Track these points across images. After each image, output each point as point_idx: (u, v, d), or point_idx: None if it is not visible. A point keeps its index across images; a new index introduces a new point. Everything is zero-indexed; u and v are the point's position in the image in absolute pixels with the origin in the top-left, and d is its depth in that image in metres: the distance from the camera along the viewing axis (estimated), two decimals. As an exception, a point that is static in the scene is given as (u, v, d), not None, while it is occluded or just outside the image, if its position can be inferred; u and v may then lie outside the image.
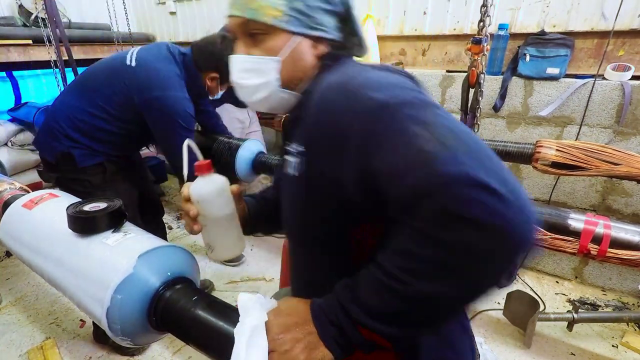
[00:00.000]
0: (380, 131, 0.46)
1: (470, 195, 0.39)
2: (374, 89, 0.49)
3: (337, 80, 0.55)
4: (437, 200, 0.40)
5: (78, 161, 1.41)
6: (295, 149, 0.61)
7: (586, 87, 1.84)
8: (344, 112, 0.50)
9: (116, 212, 0.80)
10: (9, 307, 1.93)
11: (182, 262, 0.76)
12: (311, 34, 0.63)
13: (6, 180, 1.14)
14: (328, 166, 0.54)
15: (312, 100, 0.57)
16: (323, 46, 0.66)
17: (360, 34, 0.70)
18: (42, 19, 2.22)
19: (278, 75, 0.64)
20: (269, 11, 0.60)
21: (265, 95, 0.66)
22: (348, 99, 0.51)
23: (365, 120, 0.48)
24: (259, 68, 0.64)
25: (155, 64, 1.42)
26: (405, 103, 0.47)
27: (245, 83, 0.67)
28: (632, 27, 1.76)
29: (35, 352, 1.62)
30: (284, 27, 0.61)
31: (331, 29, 0.66)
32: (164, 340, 1.68)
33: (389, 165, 0.45)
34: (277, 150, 3.10)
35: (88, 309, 0.71)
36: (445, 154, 0.41)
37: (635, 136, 1.81)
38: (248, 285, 2.10)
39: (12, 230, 0.93)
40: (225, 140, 1.72)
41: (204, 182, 0.67)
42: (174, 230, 2.69)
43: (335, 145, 0.51)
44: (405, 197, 0.43)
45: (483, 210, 0.38)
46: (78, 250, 0.77)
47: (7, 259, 2.33)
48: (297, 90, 0.67)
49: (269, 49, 0.63)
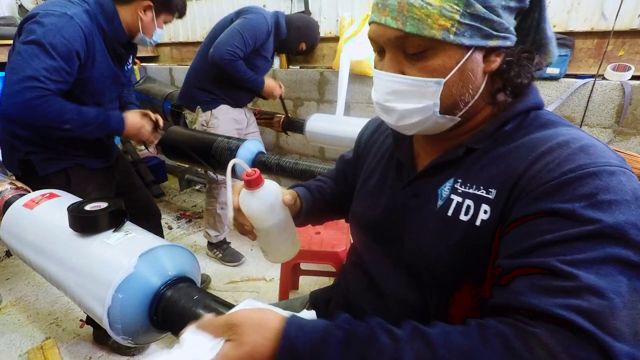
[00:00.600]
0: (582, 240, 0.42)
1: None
2: (619, 204, 0.43)
3: (586, 163, 0.46)
4: (565, 346, 0.38)
5: (38, 168, 1.28)
6: (474, 192, 0.53)
7: (586, 87, 1.84)
8: (568, 193, 0.45)
9: (117, 211, 0.80)
10: (9, 307, 1.93)
11: (183, 262, 0.76)
12: (488, 44, 0.50)
13: (7, 180, 1.14)
14: (513, 215, 0.49)
15: (541, 158, 0.49)
16: (498, 57, 0.53)
17: (545, 30, 0.55)
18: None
19: (438, 100, 0.53)
20: (439, 21, 0.48)
21: (417, 120, 0.55)
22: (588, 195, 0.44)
23: (573, 220, 0.43)
24: (416, 91, 0.53)
25: (44, 2, 1.20)
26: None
27: (393, 106, 0.56)
28: (632, 27, 1.76)
29: (35, 352, 1.62)
30: (456, 41, 0.49)
31: (511, 30, 0.52)
32: (164, 340, 1.68)
33: (550, 256, 0.43)
34: (277, 150, 3.10)
35: (89, 308, 0.71)
36: (627, 336, 0.38)
37: (635, 136, 1.81)
38: (248, 286, 2.10)
39: (13, 230, 0.93)
40: (225, 140, 1.72)
41: (253, 198, 0.63)
42: (174, 230, 2.69)
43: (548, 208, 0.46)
44: (552, 316, 0.40)
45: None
46: (79, 249, 0.77)
47: (7, 259, 2.32)
48: (458, 114, 0.56)
49: (432, 69, 0.51)
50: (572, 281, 0.41)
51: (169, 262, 0.73)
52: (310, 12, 2.63)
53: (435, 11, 0.47)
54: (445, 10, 0.47)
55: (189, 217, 2.83)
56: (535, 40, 0.55)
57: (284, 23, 2.01)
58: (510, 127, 0.56)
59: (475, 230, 0.53)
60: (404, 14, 0.49)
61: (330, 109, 2.39)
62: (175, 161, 2.53)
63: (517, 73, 0.54)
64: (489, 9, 0.48)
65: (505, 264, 0.47)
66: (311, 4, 2.63)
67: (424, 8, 0.47)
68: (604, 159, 0.46)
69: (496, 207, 0.51)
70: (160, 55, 3.91)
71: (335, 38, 2.57)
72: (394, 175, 0.69)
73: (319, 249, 1.61)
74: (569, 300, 0.40)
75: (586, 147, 0.48)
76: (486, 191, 0.52)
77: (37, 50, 1.08)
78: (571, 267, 0.41)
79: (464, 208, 0.54)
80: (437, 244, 0.57)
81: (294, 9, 2.67)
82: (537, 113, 0.57)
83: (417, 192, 0.63)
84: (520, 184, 0.49)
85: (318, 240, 1.66)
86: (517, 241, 0.47)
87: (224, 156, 1.67)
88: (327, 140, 2.21)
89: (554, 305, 0.40)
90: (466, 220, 0.54)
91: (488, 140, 0.56)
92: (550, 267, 0.42)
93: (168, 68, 3.60)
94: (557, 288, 0.41)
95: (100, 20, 1.22)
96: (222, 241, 2.27)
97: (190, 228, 2.70)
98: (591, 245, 0.42)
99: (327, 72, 2.61)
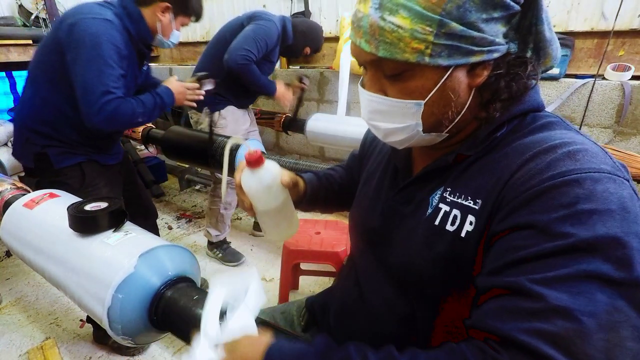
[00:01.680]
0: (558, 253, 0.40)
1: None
2: (609, 215, 0.40)
3: (574, 168, 0.43)
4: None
5: (54, 161, 1.32)
6: (461, 202, 0.52)
7: (586, 87, 1.84)
8: (555, 209, 0.42)
9: (117, 211, 0.80)
10: (9, 307, 1.93)
11: (182, 262, 0.76)
12: (470, 61, 0.47)
13: (7, 180, 1.14)
14: (498, 227, 0.47)
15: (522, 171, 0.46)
16: (485, 71, 0.50)
17: (542, 32, 0.50)
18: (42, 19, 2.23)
19: (420, 120, 0.52)
20: (412, 44, 0.45)
21: (403, 138, 0.55)
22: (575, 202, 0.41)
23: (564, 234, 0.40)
24: (396, 112, 0.52)
25: (76, 6, 1.26)
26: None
27: (378, 125, 0.56)
28: (632, 27, 1.76)
29: (35, 352, 1.62)
30: (432, 63, 0.46)
31: (497, 42, 0.48)
32: (164, 340, 1.68)
33: (545, 281, 0.39)
34: (277, 150, 3.10)
35: (89, 308, 0.71)
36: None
37: (635, 136, 1.81)
38: (248, 285, 2.10)
39: (13, 230, 0.93)
40: (224, 140, 1.72)
41: (252, 177, 0.64)
42: (174, 230, 2.69)
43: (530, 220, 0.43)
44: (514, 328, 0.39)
45: None
46: (79, 249, 0.77)
47: (7, 259, 2.32)
48: (445, 130, 0.54)
49: (410, 91, 0.50)
50: (539, 302, 0.38)
51: (169, 262, 0.73)
52: (310, 12, 2.63)
53: (406, 34, 0.45)
54: (418, 33, 0.45)
55: (189, 217, 2.83)
56: (533, 43, 0.52)
57: (291, 28, 2.03)
58: (502, 132, 0.53)
59: (460, 242, 0.51)
60: (376, 38, 0.47)
61: (331, 108, 2.39)
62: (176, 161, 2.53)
63: (507, 84, 0.51)
64: (467, 25, 0.45)
65: (481, 283, 0.46)
66: (311, 4, 2.63)
67: (395, 32, 0.45)
68: (592, 165, 0.43)
69: (480, 218, 0.49)
70: (160, 56, 3.91)
71: (335, 38, 2.57)
72: (390, 180, 0.68)
73: (319, 249, 1.61)
74: (534, 324, 0.38)
75: (574, 152, 0.45)
76: (473, 201, 0.51)
77: (98, 62, 1.17)
78: (540, 287, 0.39)
79: (451, 218, 0.52)
80: (423, 252, 0.55)
81: (294, 9, 2.67)
82: (535, 115, 0.54)
83: (410, 199, 0.61)
84: (503, 192, 0.47)
85: (318, 240, 1.66)
86: (493, 258, 0.45)
87: (224, 156, 1.67)
88: (328, 140, 2.21)
89: (518, 330, 0.38)
90: (452, 231, 0.52)
91: (480, 147, 0.54)
92: (519, 287, 0.40)
93: (168, 68, 3.60)
94: (523, 310, 0.39)
95: (126, 22, 1.27)
96: (223, 241, 2.27)
97: (190, 228, 2.70)
98: (564, 261, 0.39)
99: (327, 72, 2.61)
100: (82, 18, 1.17)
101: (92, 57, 1.16)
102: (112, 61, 1.19)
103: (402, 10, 0.45)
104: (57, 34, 1.22)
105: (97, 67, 1.17)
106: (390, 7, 0.45)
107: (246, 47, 1.82)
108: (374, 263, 0.67)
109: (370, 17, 0.47)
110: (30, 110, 1.31)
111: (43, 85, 1.29)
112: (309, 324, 0.84)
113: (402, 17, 0.45)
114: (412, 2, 0.45)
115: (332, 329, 0.74)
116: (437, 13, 0.44)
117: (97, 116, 1.20)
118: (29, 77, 1.34)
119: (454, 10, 0.44)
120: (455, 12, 0.44)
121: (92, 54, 1.16)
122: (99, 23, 1.17)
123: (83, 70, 1.17)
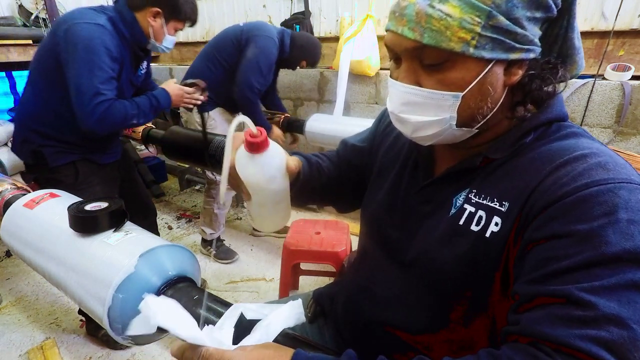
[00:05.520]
0: (596, 264, 0.41)
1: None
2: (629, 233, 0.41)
3: (602, 179, 0.44)
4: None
5: (49, 160, 1.36)
6: (487, 203, 0.52)
7: (586, 87, 1.84)
8: (586, 218, 0.43)
9: (117, 211, 0.80)
10: (9, 307, 1.93)
11: (183, 262, 0.76)
12: (509, 58, 0.48)
13: (7, 179, 1.14)
14: (529, 239, 0.47)
15: (551, 174, 0.47)
16: (520, 70, 0.51)
17: (572, 40, 0.52)
18: (42, 19, 2.23)
19: (455, 113, 0.51)
20: (459, 34, 0.45)
21: (433, 133, 0.54)
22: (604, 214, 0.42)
23: (590, 244, 0.41)
24: (432, 104, 0.51)
25: (71, 11, 1.31)
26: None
27: (408, 118, 0.54)
28: (632, 27, 1.77)
29: (35, 352, 1.62)
30: (476, 55, 0.47)
31: (535, 42, 0.49)
32: (164, 340, 1.68)
33: (585, 291, 0.40)
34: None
35: (89, 308, 0.71)
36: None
37: (635, 136, 1.81)
38: (248, 285, 2.10)
39: (13, 230, 0.93)
40: (224, 140, 1.71)
41: (252, 163, 0.55)
42: (174, 230, 2.69)
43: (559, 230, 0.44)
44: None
45: None
46: (79, 249, 0.77)
47: (7, 259, 2.32)
48: (476, 126, 0.54)
49: (449, 82, 0.49)
50: (591, 310, 0.39)
51: (169, 262, 0.73)
52: (310, 12, 2.63)
53: (455, 23, 0.45)
54: (466, 23, 0.45)
55: (189, 217, 2.83)
56: (561, 50, 0.53)
57: (288, 41, 2.02)
58: (530, 138, 0.54)
59: (484, 242, 0.52)
60: (422, 25, 0.47)
61: (331, 109, 2.40)
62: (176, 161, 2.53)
63: (538, 86, 0.51)
64: (513, 21, 0.46)
65: (523, 291, 0.45)
66: (311, 4, 2.63)
67: (444, 19, 0.45)
68: (623, 175, 0.44)
69: (507, 220, 0.50)
70: (160, 56, 3.91)
71: (335, 38, 2.57)
72: (408, 178, 0.67)
73: (319, 249, 1.61)
74: (589, 331, 0.38)
75: (605, 162, 0.46)
76: (499, 203, 0.51)
77: (90, 65, 1.21)
78: (590, 295, 0.40)
79: (476, 218, 0.53)
80: (445, 250, 0.56)
81: (294, 9, 2.67)
82: (560, 125, 0.55)
83: (429, 199, 0.62)
84: (532, 197, 0.48)
85: (318, 240, 1.66)
86: (535, 266, 0.45)
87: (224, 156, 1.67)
88: (327, 140, 2.21)
89: (572, 337, 0.39)
90: (476, 231, 0.53)
91: (507, 151, 0.54)
92: (568, 295, 0.41)
93: (168, 68, 3.60)
94: (576, 318, 0.40)
95: (120, 27, 1.31)
96: (217, 239, 2.29)
97: (190, 228, 2.70)
98: (610, 271, 0.40)
99: (327, 72, 2.61)
100: (76, 23, 1.21)
101: (84, 60, 1.20)
102: (103, 64, 1.22)
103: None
104: (54, 38, 1.26)
105: (88, 70, 1.21)
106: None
107: (252, 79, 1.85)
108: (386, 259, 0.67)
109: (418, 5, 0.47)
110: (31, 111, 1.35)
111: (42, 87, 1.32)
112: (317, 314, 0.85)
113: (452, 5, 0.45)
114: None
115: (339, 319, 0.74)
116: (487, 4, 0.45)
117: (90, 118, 1.23)
118: (30, 78, 1.37)
119: (503, 4, 0.45)
120: (504, 5, 0.45)
121: (84, 57, 1.20)
122: (91, 27, 1.21)
123: (76, 73, 1.21)
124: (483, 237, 0.52)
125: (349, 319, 0.72)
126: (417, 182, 0.65)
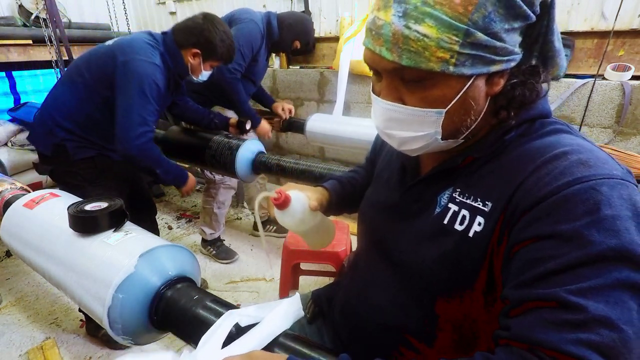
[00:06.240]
0: (585, 266, 0.41)
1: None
2: (617, 228, 0.41)
3: (585, 175, 0.44)
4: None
5: (71, 153, 1.44)
6: (471, 203, 0.53)
7: (586, 87, 1.84)
8: (575, 214, 0.42)
9: (117, 211, 0.80)
10: (9, 307, 1.93)
11: (183, 262, 0.76)
12: (490, 70, 0.48)
13: (7, 180, 1.14)
14: (515, 238, 0.47)
15: (536, 172, 0.47)
16: (502, 79, 0.51)
17: (552, 42, 0.52)
18: (42, 19, 2.22)
19: (440, 128, 0.51)
20: (437, 53, 0.45)
21: (419, 146, 0.55)
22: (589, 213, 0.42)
23: (579, 243, 0.41)
24: (415, 121, 0.52)
25: (129, 37, 1.47)
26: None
27: (394, 134, 0.55)
28: (632, 27, 1.77)
29: (35, 352, 1.62)
30: (457, 72, 0.46)
31: (515, 51, 0.49)
32: (164, 340, 1.68)
33: (570, 293, 0.40)
34: (277, 150, 3.10)
35: (89, 308, 0.72)
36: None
37: (635, 136, 1.82)
38: (248, 285, 2.10)
39: (13, 230, 0.93)
40: (224, 140, 1.72)
41: (285, 215, 0.70)
42: (174, 230, 2.69)
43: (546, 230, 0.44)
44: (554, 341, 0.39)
45: None
46: (79, 249, 0.77)
47: (7, 259, 2.32)
48: (461, 137, 0.54)
49: (431, 100, 0.49)
50: (581, 313, 0.39)
51: (169, 262, 0.73)
52: (310, 12, 2.63)
53: (432, 43, 0.45)
54: (444, 42, 0.45)
55: (189, 217, 2.83)
56: (542, 52, 0.53)
57: (276, 23, 2.00)
58: (511, 135, 0.54)
59: (467, 241, 0.52)
60: (400, 46, 0.46)
61: (331, 109, 2.39)
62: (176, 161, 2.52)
63: (521, 92, 0.51)
64: (491, 35, 0.45)
65: (513, 295, 0.45)
66: (311, 4, 2.63)
67: (421, 40, 0.45)
68: (604, 171, 0.44)
69: (489, 220, 0.50)
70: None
71: (335, 38, 2.57)
72: (397, 179, 0.69)
73: (319, 249, 1.60)
74: (580, 335, 0.38)
75: (586, 159, 0.45)
76: (482, 203, 0.51)
77: (141, 97, 1.38)
78: (578, 297, 0.39)
79: (460, 217, 0.53)
80: (431, 250, 0.56)
81: (294, 9, 2.67)
82: (543, 121, 0.55)
83: (417, 198, 0.62)
84: (515, 196, 0.48)
85: (318, 240, 1.66)
86: (522, 268, 0.45)
87: (224, 155, 1.67)
88: (328, 140, 2.21)
89: (564, 342, 0.39)
90: (460, 230, 0.53)
91: (489, 149, 0.55)
92: (557, 298, 0.40)
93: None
94: (566, 322, 0.39)
95: (168, 62, 1.49)
96: (217, 239, 2.29)
97: (190, 228, 2.70)
98: (597, 271, 0.40)
99: (327, 72, 2.61)
100: (135, 58, 1.38)
101: (137, 92, 1.38)
102: (152, 98, 1.41)
103: (429, 19, 0.44)
104: (113, 61, 1.40)
105: (139, 100, 1.38)
106: (416, 15, 0.45)
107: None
108: (379, 259, 0.68)
109: (394, 25, 0.46)
110: (63, 107, 1.44)
111: (83, 90, 1.43)
112: (315, 315, 0.86)
113: (429, 25, 0.45)
114: (439, 11, 0.44)
115: (337, 324, 0.76)
116: (464, 23, 0.44)
117: (131, 142, 1.39)
118: (69, 76, 1.48)
119: (480, 21, 0.44)
120: (481, 22, 0.45)
121: (138, 90, 1.37)
122: (147, 66, 1.40)
123: (128, 100, 1.38)
124: (466, 236, 0.52)
125: (346, 322, 0.73)
126: (405, 182, 0.67)
